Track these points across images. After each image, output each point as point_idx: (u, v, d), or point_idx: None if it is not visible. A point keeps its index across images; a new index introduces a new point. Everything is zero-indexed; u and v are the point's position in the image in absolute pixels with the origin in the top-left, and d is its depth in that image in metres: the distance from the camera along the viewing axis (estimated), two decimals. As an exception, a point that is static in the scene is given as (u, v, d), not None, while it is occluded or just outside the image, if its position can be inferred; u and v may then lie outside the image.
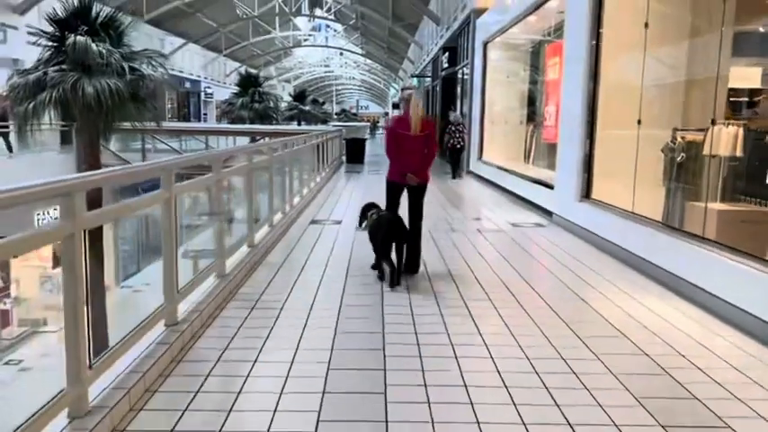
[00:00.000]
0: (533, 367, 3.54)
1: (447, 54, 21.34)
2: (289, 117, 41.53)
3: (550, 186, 9.21)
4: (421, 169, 5.63)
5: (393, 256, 5.27)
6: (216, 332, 4.05)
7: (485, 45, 14.94)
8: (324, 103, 56.82)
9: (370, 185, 13.40)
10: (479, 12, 15.52)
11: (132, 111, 11.63)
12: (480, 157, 15.20)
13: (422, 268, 5.80)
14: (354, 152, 20.11)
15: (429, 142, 5.67)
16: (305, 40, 57.46)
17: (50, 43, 11.71)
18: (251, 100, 27.18)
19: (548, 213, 9.04)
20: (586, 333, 4.13)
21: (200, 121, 46.09)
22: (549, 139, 10.62)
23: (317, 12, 44.32)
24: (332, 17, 42.94)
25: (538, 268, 6.11)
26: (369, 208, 5.78)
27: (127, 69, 11.39)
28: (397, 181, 5.66)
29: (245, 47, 48.95)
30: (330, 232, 7.69)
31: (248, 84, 27.95)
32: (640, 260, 5.94)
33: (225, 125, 28.00)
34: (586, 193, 7.79)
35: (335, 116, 77.57)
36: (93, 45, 11.15)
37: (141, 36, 35.07)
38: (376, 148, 29.90)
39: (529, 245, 7.21)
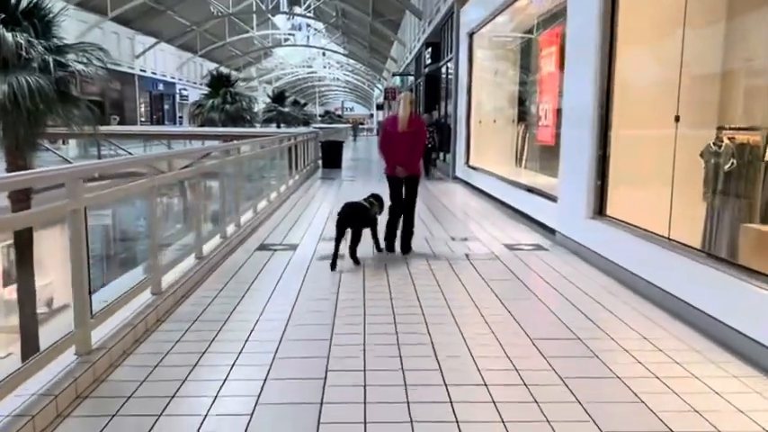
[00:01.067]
0: None
1: (430, 49, 19.81)
2: (267, 119, 39.89)
3: (550, 197, 7.68)
4: (409, 163, 6.32)
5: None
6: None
7: (470, 36, 13.38)
8: (305, 105, 55.11)
9: (345, 195, 11.79)
10: (463, 0, 13.98)
11: (61, 112, 9.90)
12: (467, 162, 13.63)
13: (390, 320, 4.23)
14: (331, 156, 18.48)
15: (416, 138, 6.34)
16: (285, 39, 55.74)
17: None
18: (222, 101, 25.39)
19: (549, 231, 7.49)
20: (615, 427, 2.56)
21: (175, 124, 44.23)
22: (545, 141, 9.10)
23: (296, 9, 42.71)
24: (311, 15, 41.28)
25: (543, 315, 4.54)
26: (372, 196, 6.39)
27: (52, 64, 9.67)
28: (391, 174, 6.41)
29: (223, 47, 47.17)
30: (278, 263, 6.04)
31: (219, 84, 26.16)
32: (677, 301, 4.40)
33: (175, 128, 26.06)
34: (599, 209, 6.24)
35: (319, 118, 76.01)
36: (9, 36, 9.44)
37: (108, 35, 33.31)
38: (359, 152, 28.04)
39: (530, 277, 5.63)
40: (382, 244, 6.38)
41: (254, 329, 4.10)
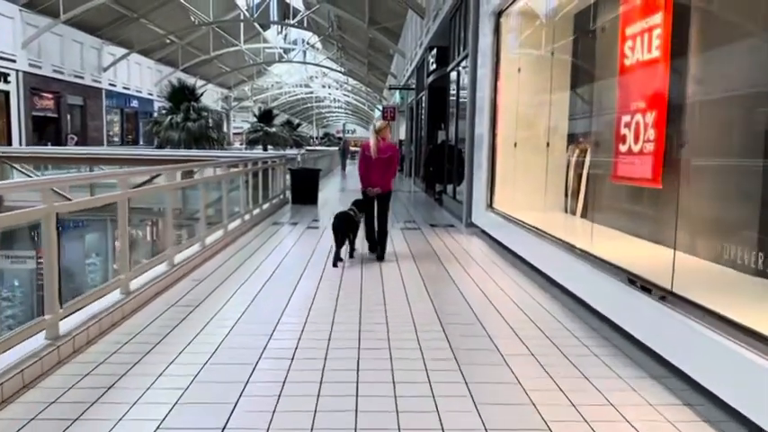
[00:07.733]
0: None
1: (435, 53, 15.47)
2: (252, 141, 35.63)
3: (687, 305, 3.20)
4: (382, 184, 7.31)
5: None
6: None
7: (497, 17, 8.99)
8: (299, 126, 50.71)
9: (293, 256, 7.28)
10: (485, -30, 9.61)
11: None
12: (490, 204, 9.13)
13: None
14: (303, 189, 13.93)
15: (390, 163, 7.37)
16: (280, 57, 51.77)
17: None
18: (185, 117, 20.99)
19: (694, 386, 2.98)
20: None
21: (152, 145, 39.96)
22: (637, 178, 4.68)
23: (287, 21, 38.66)
24: (303, 26, 37.24)
25: None
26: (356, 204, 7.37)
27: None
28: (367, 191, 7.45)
29: (211, 62, 43.14)
30: None
31: (181, 97, 21.74)
32: None
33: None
34: None
35: (318, 140, 71.89)
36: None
37: (67, 42, 29.11)
38: (349, 181, 21.41)
39: None
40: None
41: None
